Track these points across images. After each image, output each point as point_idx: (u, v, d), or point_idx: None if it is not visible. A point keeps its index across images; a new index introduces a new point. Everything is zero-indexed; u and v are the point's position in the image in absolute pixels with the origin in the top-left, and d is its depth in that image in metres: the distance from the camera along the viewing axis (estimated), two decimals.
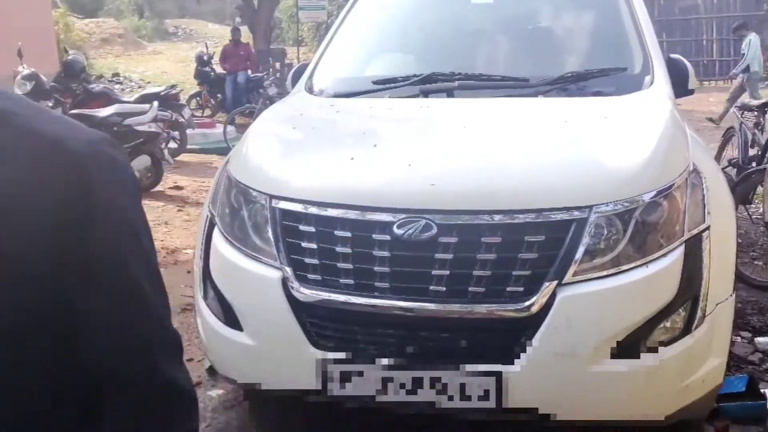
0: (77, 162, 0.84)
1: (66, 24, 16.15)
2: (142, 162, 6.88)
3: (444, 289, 2.01)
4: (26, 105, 0.89)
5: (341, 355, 2.07)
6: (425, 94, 2.88)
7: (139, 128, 6.85)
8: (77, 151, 0.84)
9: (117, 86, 12.75)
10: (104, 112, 6.97)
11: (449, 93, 2.87)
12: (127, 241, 0.89)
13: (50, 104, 8.21)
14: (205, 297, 2.49)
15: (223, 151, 9.65)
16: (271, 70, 14.34)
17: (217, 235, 2.47)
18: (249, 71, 12.88)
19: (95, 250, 0.85)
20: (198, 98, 13.48)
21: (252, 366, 2.29)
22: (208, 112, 13.29)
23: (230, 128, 10.21)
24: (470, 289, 2.00)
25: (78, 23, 19.36)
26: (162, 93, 8.88)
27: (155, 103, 7.21)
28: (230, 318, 2.32)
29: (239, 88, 12.59)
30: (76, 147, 0.85)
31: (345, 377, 2.07)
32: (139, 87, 16.00)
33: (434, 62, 3.18)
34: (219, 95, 13.21)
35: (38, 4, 14.11)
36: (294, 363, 2.14)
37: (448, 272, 2.01)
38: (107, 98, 8.62)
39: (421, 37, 3.52)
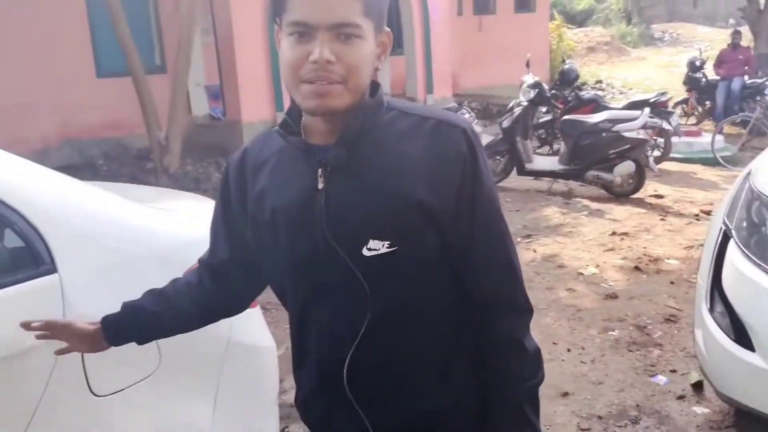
0: (466, 134, 1.17)
1: (559, 35, 17.22)
2: (626, 168, 6.97)
3: None
4: (409, 103, 1.27)
5: None
6: None
7: (628, 135, 6.94)
8: (465, 127, 1.18)
9: (599, 93, 13.09)
10: (595, 118, 7.25)
11: None
12: (494, 189, 1.22)
13: (544, 110, 8.94)
14: (712, 310, 2.42)
15: (709, 162, 9.11)
16: None
17: (732, 249, 2.38)
18: (746, 77, 11.80)
19: (481, 196, 1.18)
20: (684, 105, 12.94)
21: (762, 390, 2.15)
22: (693, 119, 12.66)
23: (719, 138, 9.55)
24: None
25: (568, 33, 20.49)
26: (651, 100, 8.80)
27: (646, 110, 7.19)
28: (741, 336, 2.21)
29: (732, 95, 11.64)
30: (463, 125, 1.18)
31: None
32: (620, 93, 16.14)
33: None
34: (707, 102, 12.45)
35: (539, 18, 15.43)
36: None
37: None
38: (596, 105, 8.96)
39: None
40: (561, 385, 3.20)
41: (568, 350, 3.59)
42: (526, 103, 7.47)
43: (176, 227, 1.91)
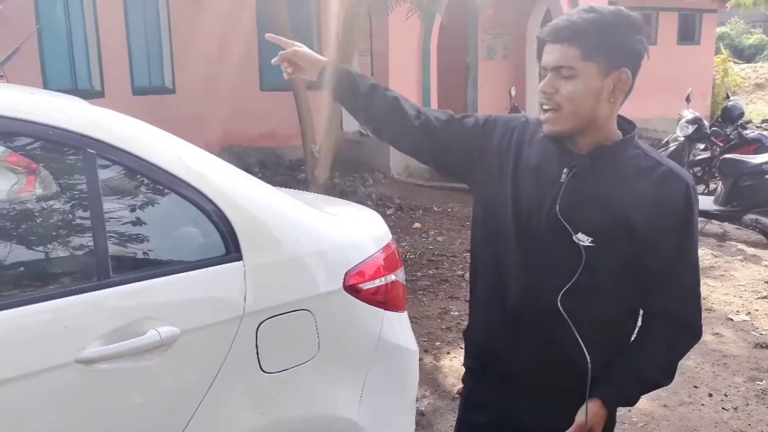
0: (688, 187, 1.51)
1: (724, 69, 16.30)
2: None
3: None
4: (651, 148, 1.63)
5: None
6: None
7: None
8: (689, 182, 1.52)
9: (766, 133, 12.22)
10: (759, 158, 6.85)
11: None
12: (697, 232, 1.57)
13: (701, 147, 8.53)
14: None
15: None
16: None
17: None
18: None
19: (689, 238, 1.53)
20: None
21: None
22: None
23: None
24: None
25: (735, 68, 19.30)
26: None
27: None
28: None
29: None
30: (684, 174, 1.54)
31: None
32: None
33: None
34: None
35: (703, 51, 14.71)
36: None
37: None
38: (760, 145, 8.41)
39: None
40: (699, 429, 3.10)
41: (710, 395, 3.46)
42: (682, 139, 7.21)
43: (340, 230, 2.10)
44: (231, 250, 1.78)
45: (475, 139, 1.68)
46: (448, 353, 4.10)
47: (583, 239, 1.50)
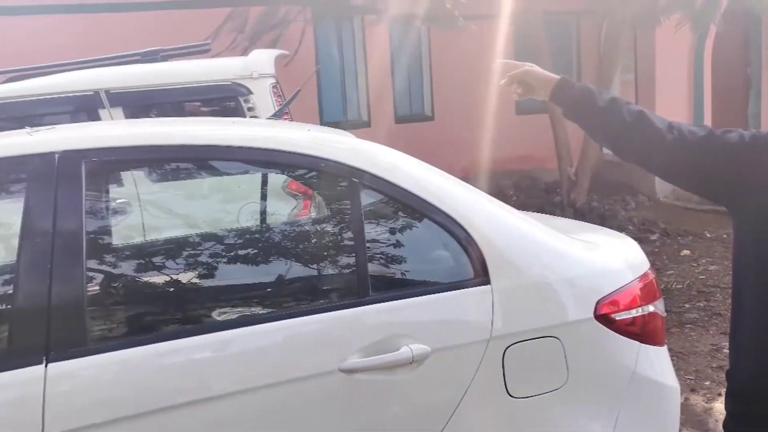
0: None
1: None
2: None
3: None
4: None
5: None
6: None
7: None
8: None
9: None
10: None
11: None
12: None
13: None
14: None
15: None
16: None
17: None
18: None
19: None
20: None
21: None
22: None
23: None
24: None
25: None
26: None
27: None
28: None
29: None
30: None
31: None
32: None
33: None
34: None
35: None
36: None
37: None
38: None
39: None
40: None
41: None
42: None
43: (591, 256, 2.03)
44: (479, 273, 1.82)
45: (740, 156, 1.50)
46: (720, 394, 3.69)
47: None
